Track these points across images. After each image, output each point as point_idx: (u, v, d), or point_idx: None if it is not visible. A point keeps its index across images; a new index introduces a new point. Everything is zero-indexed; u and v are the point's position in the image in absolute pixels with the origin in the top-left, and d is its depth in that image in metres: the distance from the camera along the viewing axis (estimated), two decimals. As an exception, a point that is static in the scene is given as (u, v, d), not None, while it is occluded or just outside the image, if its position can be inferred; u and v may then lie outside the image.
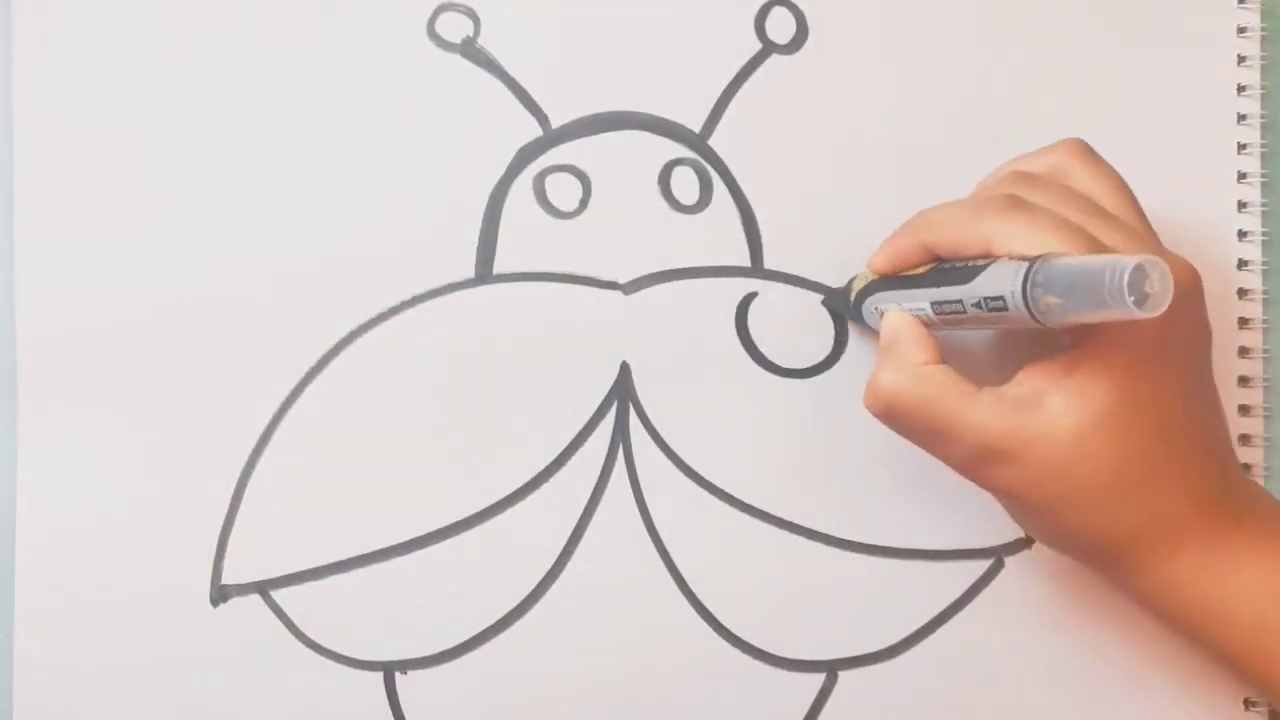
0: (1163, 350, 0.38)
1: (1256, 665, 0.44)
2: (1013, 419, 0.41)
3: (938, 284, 0.43)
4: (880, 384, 0.44)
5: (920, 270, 0.45)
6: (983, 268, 0.41)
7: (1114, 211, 0.44)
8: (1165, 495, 0.42)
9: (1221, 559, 0.43)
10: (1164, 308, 0.36)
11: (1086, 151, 0.46)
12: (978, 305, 0.41)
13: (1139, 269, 0.36)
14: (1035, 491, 0.42)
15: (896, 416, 0.44)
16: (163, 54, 0.50)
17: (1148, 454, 0.42)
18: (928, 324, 0.44)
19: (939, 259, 0.44)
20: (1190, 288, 0.43)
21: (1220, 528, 0.43)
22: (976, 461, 0.43)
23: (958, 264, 0.43)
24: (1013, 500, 0.44)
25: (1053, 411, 0.41)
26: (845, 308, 0.49)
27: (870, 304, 0.47)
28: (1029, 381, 0.42)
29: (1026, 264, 0.39)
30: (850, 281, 0.49)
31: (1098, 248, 0.41)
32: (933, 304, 0.43)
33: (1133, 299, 0.36)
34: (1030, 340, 0.44)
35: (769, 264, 0.51)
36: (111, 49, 0.50)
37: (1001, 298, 0.40)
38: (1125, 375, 0.41)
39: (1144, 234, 0.44)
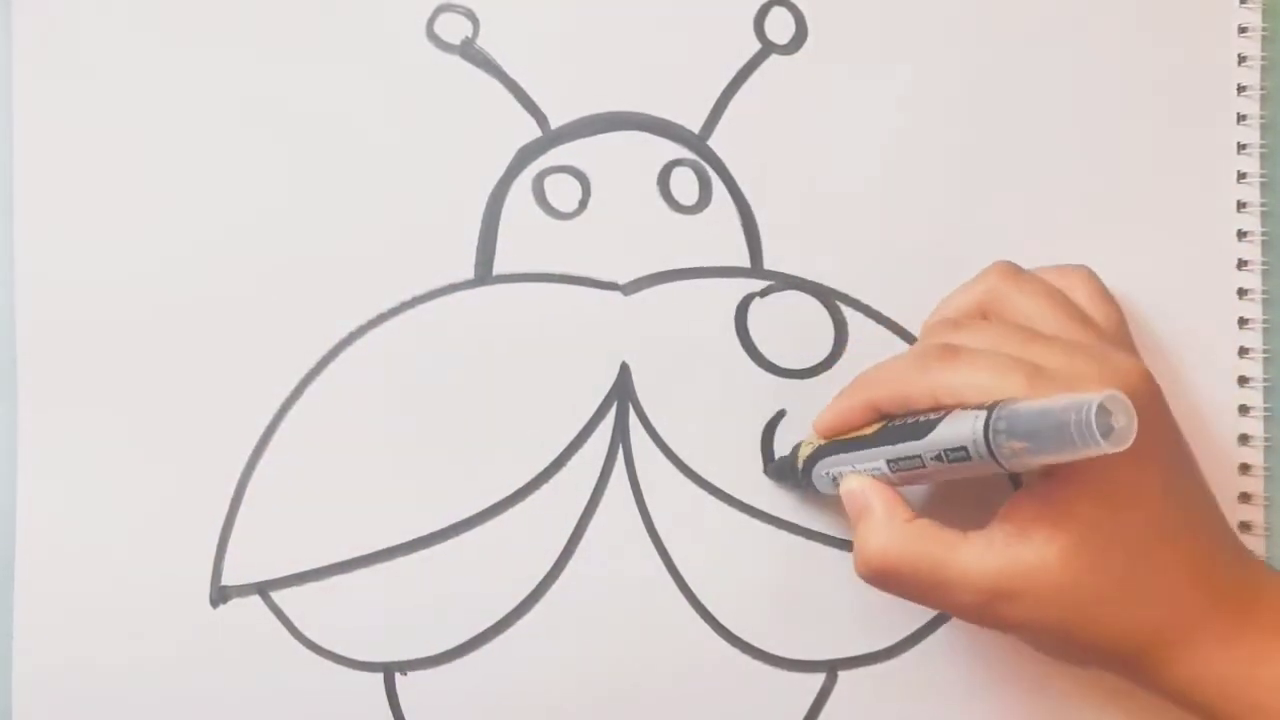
0: (1132, 457, 0.38)
1: None
2: (1004, 555, 0.41)
3: (892, 441, 0.43)
4: (870, 549, 0.43)
5: (869, 430, 0.44)
6: (937, 421, 0.41)
7: (1054, 328, 0.44)
8: (1172, 594, 0.42)
9: (1240, 653, 0.43)
10: (1131, 439, 0.37)
11: (1014, 273, 0.47)
12: (938, 458, 0.41)
13: (1103, 407, 0.36)
14: (1046, 617, 0.42)
15: (892, 578, 0.43)
16: (162, 54, 0.50)
17: (1144, 558, 0.42)
18: (887, 482, 0.44)
19: (887, 416, 0.44)
20: (1149, 394, 0.42)
21: (1235, 620, 0.43)
22: (983, 605, 0.42)
23: (909, 419, 0.42)
24: (1029, 631, 0.44)
25: (1039, 541, 0.41)
26: (792, 476, 0.48)
27: (821, 468, 0.46)
28: (1009, 520, 0.42)
29: (984, 411, 0.39)
30: (796, 448, 0.48)
31: (1044, 378, 0.41)
32: (889, 462, 0.43)
33: (1101, 435, 0.36)
34: (989, 481, 0.44)
35: (769, 264, 0.51)
36: (111, 49, 0.50)
37: (963, 448, 0.40)
38: (1100, 490, 0.41)
39: (1088, 344, 0.44)
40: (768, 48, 0.51)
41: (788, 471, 0.49)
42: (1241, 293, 0.51)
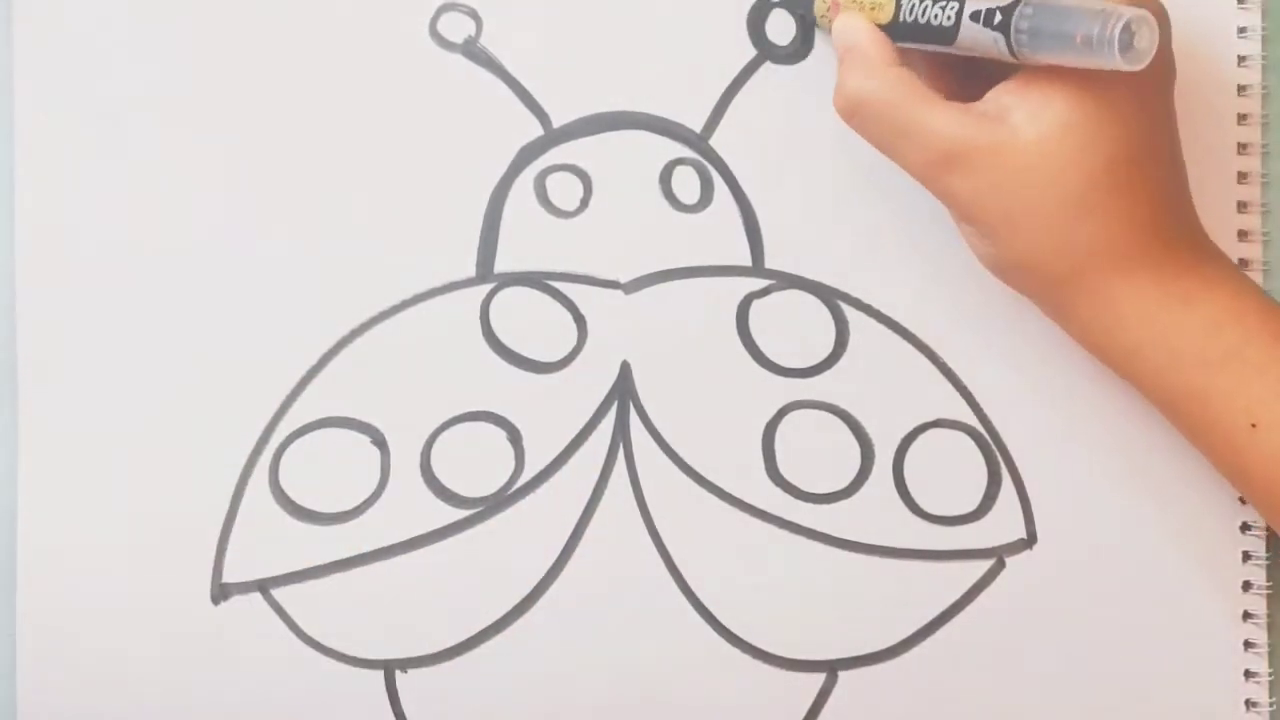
0: (1133, 80, 0.39)
1: (1193, 407, 0.43)
2: (977, 126, 0.42)
3: (915, 39, 0.43)
4: (848, 86, 0.44)
5: (883, 17, 0.44)
6: (954, 27, 0.42)
7: None
8: (1123, 216, 0.42)
9: (1173, 291, 0.43)
10: (1145, 63, 0.38)
11: None
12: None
13: (1128, 26, 0.37)
14: (991, 202, 0.42)
15: (863, 118, 0.44)
16: (163, 53, 0.50)
17: (1108, 172, 0.42)
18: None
19: None
20: (1164, 30, 0.42)
21: (1175, 260, 0.43)
22: (937, 167, 0.42)
23: (921, 20, 0.43)
24: (967, 210, 0.43)
25: (1016, 122, 0.41)
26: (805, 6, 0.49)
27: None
28: (993, 98, 0.42)
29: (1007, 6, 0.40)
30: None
31: None
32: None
33: (1120, 51, 0.37)
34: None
35: (770, 263, 0.51)
36: (112, 49, 0.50)
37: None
38: (1089, 93, 0.41)
39: None
40: (769, 47, 0.51)
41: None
42: (1243, 293, 0.51)
